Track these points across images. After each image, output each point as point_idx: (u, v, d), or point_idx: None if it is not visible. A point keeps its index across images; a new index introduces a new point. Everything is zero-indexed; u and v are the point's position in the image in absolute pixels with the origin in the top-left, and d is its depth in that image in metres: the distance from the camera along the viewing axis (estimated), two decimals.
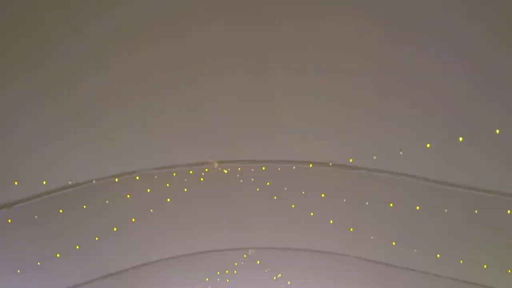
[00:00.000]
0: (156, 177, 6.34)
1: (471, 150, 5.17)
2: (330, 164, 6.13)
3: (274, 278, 10.26)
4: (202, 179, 6.50)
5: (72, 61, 4.45)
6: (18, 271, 7.20)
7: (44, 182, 5.84)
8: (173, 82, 4.98)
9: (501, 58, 4.20)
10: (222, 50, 4.53)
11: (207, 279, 10.05)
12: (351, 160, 5.90)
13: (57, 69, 4.53)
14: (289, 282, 10.68)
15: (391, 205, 6.37)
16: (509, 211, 5.63)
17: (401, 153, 5.35)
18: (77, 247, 7.26)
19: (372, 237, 7.39)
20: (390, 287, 9.51)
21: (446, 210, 6.05)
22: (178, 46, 4.48)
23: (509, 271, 6.86)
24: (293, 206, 7.17)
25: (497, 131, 4.72)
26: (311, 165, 6.21)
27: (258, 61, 4.70)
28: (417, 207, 6.22)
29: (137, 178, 6.32)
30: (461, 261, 7.04)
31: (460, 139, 4.91)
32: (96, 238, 7.21)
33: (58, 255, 7.28)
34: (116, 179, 6.23)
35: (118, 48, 4.43)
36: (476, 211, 5.83)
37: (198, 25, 4.21)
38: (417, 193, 6.12)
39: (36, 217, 6.28)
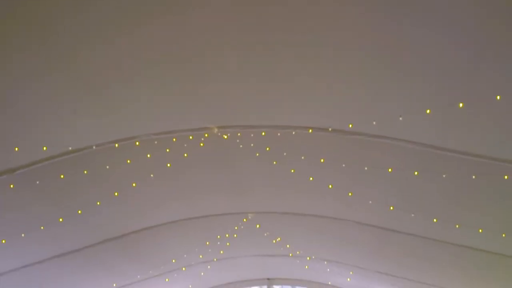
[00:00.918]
0: (156, 142, 6.35)
1: (470, 116, 5.17)
2: (330, 129, 6.13)
3: (274, 241, 10.42)
4: (201, 144, 6.51)
5: (76, 33, 4.51)
6: (22, 235, 7.31)
7: (44, 148, 5.86)
8: (174, 53, 4.97)
9: (501, 27, 4.16)
10: (223, 23, 4.57)
11: (207, 243, 10.21)
12: (350, 126, 5.89)
13: (61, 41, 4.57)
14: (288, 246, 10.87)
15: (390, 170, 6.41)
16: (506, 177, 5.67)
17: (400, 119, 5.34)
18: (79, 211, 7.35)
19: (370, 202, 7.47)
20: (388, 251, 9.70)
21: (444, 176, 6.09)
22: (180, 20, 4.51)
23: (504, 235, 6.97)
24: (292, 171, 7.22)
25: (498, 97, 4.70)
26: (310, 130, 6.21)
27: (259, 34, 4.71)
28: (415, 173, 6.27)
29: (137, 143, 6.33)
30: (456, 226, 7.15)
31: (460, 105, 4.90)
32: (98, 203, 7.28)
33: (60, 220, 7.40)
34: (116, 145, 6.24)
35: (120, 22, 4.49)
36: (473, 177, 5.87)
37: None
38: (415, 158, 6.15)
39: (37, 182, 6.32)
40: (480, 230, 7.08)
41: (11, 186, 6.21)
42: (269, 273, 14.69)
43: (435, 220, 7.25)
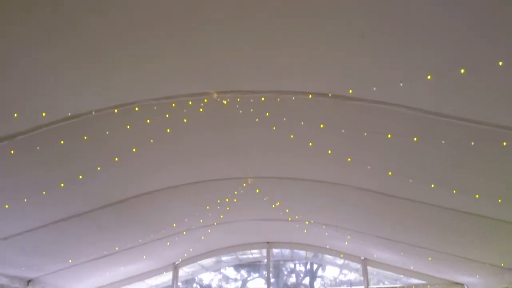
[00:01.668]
0: (155, 107, 6.34)
1: (471, 82, 5.12)
2: (330, 95, 6.10)
3: (273, 206, 10.55)
4: (201, 109, 6.50)
5: (79, 1, 4.52)
6: (25, 200, 7.39)
7: (44, 114, 5.85)
8: (174, 22, 4.93)
9: None
10: None
11: (207, 207, 10.33)
12: (350, 91, 5.86)
13: (62, 9, 4.55)
14: (287, 210, 11.01)
15: (389, 136, 6.42)
16: (505, 143, 5.67)
17: (401, 84, 5.31)
18: (80, 176, 7.41)
19: (369, 167, 7.51)
20: (386, 216, 9.83)
21: (443, 142, 6.10)
22: None
23: (500, 200, 7.04)
24: (292, 136, 7.24)
25: (500, 63, 4.65)
26: (310, 96, 6.19)
27: (257, 3, 4.68)
28: (415, 138, 6.27)
29: (137, 109, 6.32)
30: (454, 191, 7.21)
31: (462, 71, 4.86)
32: (98, 168, 7.33)
33: (62, 185, 7.46)
34: (116, 110, 6.23)
35: None
36: (472, 143, 5.88)
37: None
38: (415, 124, 6.15)
39: (37, 148, 6.34)
40: (477, 196, 7.15)
41: (12, 152, 6.23)
42: (269, 237, 14.93)
43: (433, 185, 7.31)
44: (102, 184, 8.18)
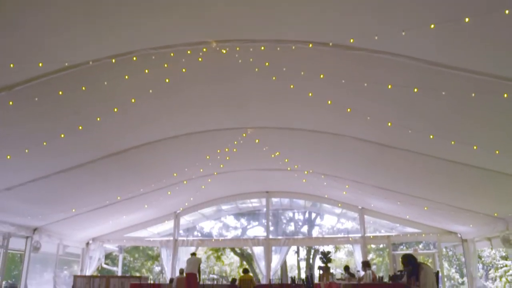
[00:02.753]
0: (153, 57, 6.25)
1: (475, 31, 5.01)
2: (330, 44, 6.00)
3: (273, 156, 10.64)
4: (200, 59, 6.42)
5: None
6: (26, 150, 7.42)
7: (40, 64, 5.77)
8: None
9: None
10: None
11: (207, 157, 10.42)
12: (351, 41, 5.76)
13: None
14: (286, 160, 11.11)
15: (389, 86, 6.36)
16: (505, 95, 5.62)
17: (403, 33, 5.20)
18: (80, 127, 7.41)
19: (368, 118, 7.50)
20: (384, 166, 9.92)
21: (443, 93, 6.05)
22: None
23: (497, 152, 7.07)
24: (291, 86, 7.19)
25: (507, 11, 4.53)
26: (310, 45, 6.08)
27: None
28: (415, 89, 6.22)
29: (135, 58, 6.23)
30: (452, 142, 7.23)
31: (466, 20, 4.74)
32: (97, 119, 7.32)
33: (62, 135, 7.48)
34: (113, 60, 6.14)
35: None
36: (473, 95, 5.83)
37: None
38: (416, 75, 6.07)
39: (36, 99, 6.31)
40: (475, 147, 7.18)
41: (10, 103, 6.20)
42: (268, 187, 15.15)
43: (431, 136, 7.33)
44: (102, 134, 8.20)
